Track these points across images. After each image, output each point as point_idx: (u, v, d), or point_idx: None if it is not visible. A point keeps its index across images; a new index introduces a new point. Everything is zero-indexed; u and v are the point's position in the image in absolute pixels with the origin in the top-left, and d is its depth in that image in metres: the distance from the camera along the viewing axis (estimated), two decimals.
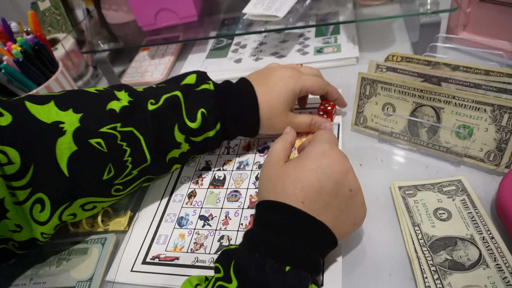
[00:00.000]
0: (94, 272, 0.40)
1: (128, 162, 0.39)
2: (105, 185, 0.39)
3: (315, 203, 0.31)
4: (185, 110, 0.41)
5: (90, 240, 0.43)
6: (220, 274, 0.29)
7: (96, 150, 0.37)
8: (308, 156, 0.33)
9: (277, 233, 0.30)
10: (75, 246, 0.43)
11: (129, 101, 0.39)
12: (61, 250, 0.43)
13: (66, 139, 0.35)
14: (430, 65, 0.45)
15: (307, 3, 0.71)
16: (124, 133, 0.38)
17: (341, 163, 0.32)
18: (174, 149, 0.42)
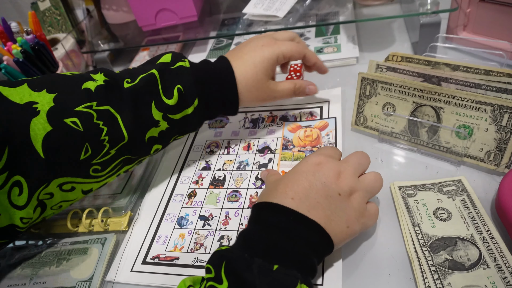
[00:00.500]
0: (94, 272, 0.40)
1: (105, 141, 0.38)
2: (82, 165, 0.38)
3: (305, 200, 0.32)
4: (162, 87, 0.41)
5: (90, 240, 0.43)
6: (211, 274, 0.29)
7: (71, 130, 0.36)
8: (301, 164, 0.36)
9: (267, 231, 0.31)
10: (75, 246, 0.43)
11: (104, 81, 0.39)
12: (61, 250, 0.43)
13: (40, 119, 0.34)
14: (430, 65, 0.45)
15: (307, 3, 0.71)
16: (100, 111, 0.37)
17: (331, 170, 0.34)
18: (152, 127, 0.41)
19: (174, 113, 0.41)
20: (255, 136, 0.52)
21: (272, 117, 0.55)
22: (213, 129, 0.56)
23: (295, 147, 0.48)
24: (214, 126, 0.56)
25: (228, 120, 0.57)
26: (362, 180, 0.35)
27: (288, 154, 0.48)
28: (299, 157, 0.47)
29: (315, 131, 0.50)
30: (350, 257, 0.36)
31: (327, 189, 0.33)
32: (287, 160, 0.47)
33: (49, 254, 0.43)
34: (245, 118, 0.56)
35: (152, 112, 0.40)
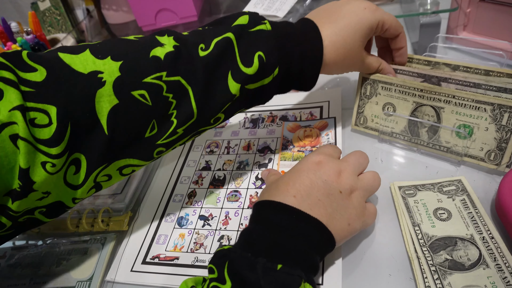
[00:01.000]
0: (94, 272, 0.40)
1: (173, 116, 0.34)
2: (147, 145, 0.34)
3: (307, 198, 0.32)
4: (239, 54, 0.35)
5: (90, 240, 0.43)
6: (214, 275, 0.28)
7: (139, 104, 0.32)
8: (301, 163, 0.35)
9: (269, 230, 0.31)
10: (75, 246, 0.43)
11: (174, 46, 0.34)
12: (61, 250, 0.43)
13: (106, 90, 0.30)
14: (430, 65, 0.45)
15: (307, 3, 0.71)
16: (171, 83, 0.33)
17: (332, 168, 0.34)
18: (229, 103, 0.36)
19: (252, 83, 0.36)
20: (255, 136, 0.52)
21: (272, 117, 0.55)
22: (213, 129, 0.56)
23: (295, 147, 0.48)
24: None
25: (228, 120, 0.57)
26: (361, 179, 0.35)
27: (287, 154, 0.48)
28: (298, 157, 0.47)
29: (314, 131, 0.50)
30: (350, 256, 0.36)
31: (328, 187, 0.33)
32: (287, 160, 0.47)
33: (49, 254, 0.43)
34: (245, 118, 0.56)
35: (229, 84, 0.35)
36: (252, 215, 0.34)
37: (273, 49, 0.36)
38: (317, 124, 0.51)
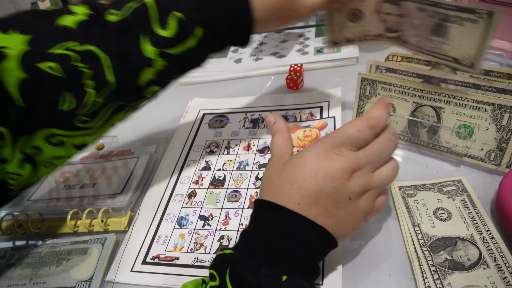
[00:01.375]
0: (94, 272, 0.40)
1: (89, 86, 0.33)
2: (65, 116, 0.33)
3: (312, 207, 0.29)
4: (155, 16, 0.34)
5: (90, 240, 0.43)
6: (216, 282, 0.27)
7: (49, 76, 0.31)
8: (310, 154, 0.31)
9: (273, 236, 0.29)
10: (75, 246, 0.43)
11: (88, 14, 0.33)
12: (61, 250, 0.43)
13: (9, 64, 0.30)
14: (430, 65, 0.45)
15: None
16: (83, 53, 0.32)
17: (343, 169, 0.30)
18: (145, 68, 0.34)
19: (173, 47, 0.34)
20: (255, 136, 0.52)
21: None
22: (213, 129, 0.56)
23: (295, 147, 0.48)
24: (214, 126, 0.56)
25: (228, 120, 0.57)
26: (377, 176, 0.31)
27: None
28: None
29: (314, 131, 0.50)
30: (350, 256, 0.36)
31: (336, 195, 0.29)
32: None
33: (49, 254, 0.43)
34: (245, 118, 0.56)
35: (144, 48, 0.34)
36: (253, 214, 0.32)
37: (192, 5, 0.34)
38: (317, 124, 0.51)
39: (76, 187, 0.51)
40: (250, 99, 0.60)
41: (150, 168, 0.52)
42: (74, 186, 0.51)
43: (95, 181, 0.51)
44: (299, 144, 0.49)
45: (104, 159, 0.55)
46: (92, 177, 0.52)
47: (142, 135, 0.59)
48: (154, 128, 0.60)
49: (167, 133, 0.57)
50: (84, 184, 0.51)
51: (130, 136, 0.59)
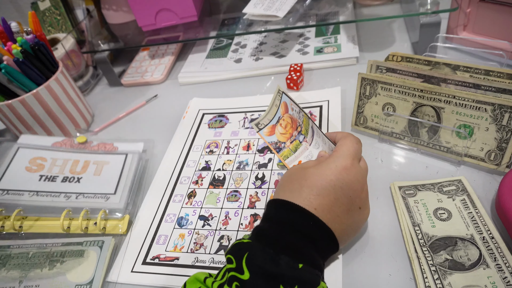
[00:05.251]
0: (94, 275, 0.39)
1: None
2: None
3: (327, 213, 0.32)
4: None
5: (86, 242, 0.42)
6: (233, 265, 0.29)
7: None
8: (329, 167, 0.33)
9: (289, 232, 0.31)
10: (68, 248, 0.41)
11: None
12: (52, 251, 0.41)
13: None
14: (430, 65, 0.45)
15: (307, 3, 0.71)
16: None
17: (359, 181, 0.33)
18: None
19: None
20: (254, 136, 0.52)
21: None
22: (213, 129, 0.56)
23: (286, 143, 0.46)
24: (214, 126, 0.56)
25: (227, 120, 0.57)
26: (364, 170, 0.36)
27: (286, 152, 0.46)
28: (296, 146, 0.44)
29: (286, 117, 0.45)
30: (350, 256, 0.36)
31: (350, 204, 0.33)
32: (290, 156, 0.45)
33: (38, 255, 0.40)
34: (245, 118, 0.56)
35: None
36: (269, 212, 0.34)
37: None
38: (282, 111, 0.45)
39: (57, 179, 0.47)
40: (250, 99, 0.60)
41: (141, 168, 0.51)
42: (54, 178, 0.47)
43: (79, 175, 0.48)
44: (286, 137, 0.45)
45: (83, 150, 0.51)
46: (74, 171, 0.48)
47: (142, 135, 0.59)
48: (154, 128, 0.60)
49: (167, 133, 0.57)
50: (67, 178, 0.47)
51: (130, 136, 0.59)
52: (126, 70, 0.76)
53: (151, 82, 0.71)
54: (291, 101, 0.44)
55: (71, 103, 0.59)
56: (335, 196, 0.32)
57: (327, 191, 0.32)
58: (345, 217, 0.33)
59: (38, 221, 0.45)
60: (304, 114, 0.43)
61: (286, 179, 0.36)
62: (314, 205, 0.32)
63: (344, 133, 0.38)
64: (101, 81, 0.77)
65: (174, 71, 0.74)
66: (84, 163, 0.50)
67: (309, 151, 0.43)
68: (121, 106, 0.67)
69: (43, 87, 0.54)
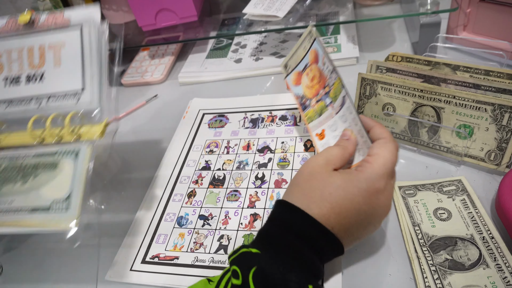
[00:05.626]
0: (71, 190, 0.33)
1: None
2: None
3: (344, 233, 0.30)
4: None
5: (59, 152, 0.36)
6: (238, 281, 0.27)
7: None
8: (360, 186, 0.30)
9: (303, 247, 0.29)
10: (40, 160, 0.36)
11: None
12: (24, 164, 0.36)
13: None
14: (430, 65, 0.45)
15: (307, 3, 0.71)
16: None
17: (387, 206, 0.31)
18: None
19: None
20: (254, 136, 0.52)
21: (271, 117, 0.55)
22: (213, 129, 0.56)
23: (311, 100, 0.43)
24: (214, 126, 0.56)
25: (227, 120, 0.57)
26: None
27: (311, 113, 0.42)
28: (321, 109, 0.41)
29: (314, 68, 0.43)
30: (350, 257, 0.36)
31: (370, 225, 0.31)
32: (314, 119, 0.42)
33: (10, 169, 0.36)
34: (245, 118, 0.56)
35: None
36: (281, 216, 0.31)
37: None
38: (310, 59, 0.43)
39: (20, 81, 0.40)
40: (250, 99, 0.60)
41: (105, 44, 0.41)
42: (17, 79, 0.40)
43: (40, 69, 0.39)
44: (312, 93, 0.43)
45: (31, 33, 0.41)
46: (33, 63, 0.40)
47: (143, 135, 0.59)
48: (154, 127, 0.60)
49: (167, 133, 0.57)
50: (30, 77, 0.40)
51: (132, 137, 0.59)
52: (126, 70, 0.76)
53: (151, 82, 0.71)
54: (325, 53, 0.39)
55: None
56: (356, 219, 0.30)
57: (350, 214, 0.29)
58: (360, 234, 0.32)
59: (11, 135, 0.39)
60: (338, 78, 0.38)
61: (307, 178, 0.32)
62: (332, 224, 0.29)
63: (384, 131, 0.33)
64: None
65: (174, 71, 0.74)
66: (39, 51, 0.40)
67: (334, 120, 0.40)
68: (121, 106, 0.67)
69: None
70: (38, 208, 0.33)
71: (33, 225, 0.33)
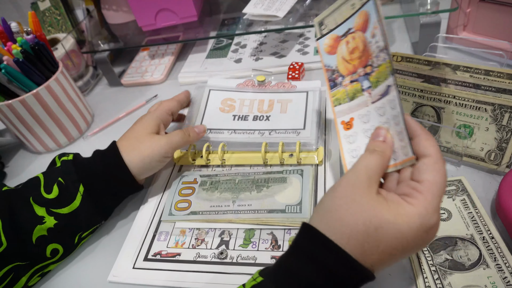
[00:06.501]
0: (301, 197, 0.41)
1: None
2: None
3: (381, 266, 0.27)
4: (44, 185, 0.40)
5: (285, 171, 0.45)
6: None
7: None
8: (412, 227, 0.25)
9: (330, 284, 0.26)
10: (270, 176, 0.44)
11: None
12: (256, 178, 0.45)
13: None
14: (430, 65, 0.45)
15: (307, 3, 0.71)
16: None
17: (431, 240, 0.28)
18: (38, 225, 0.38)
19: (59, 207, 0.39)
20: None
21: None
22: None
23: (345, 78, 0.36)
24: None
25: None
26: None
27: (340, 93, 0.36)
28: (355, 93, 0.35)
29: (358, 37, 0.35)
30: None
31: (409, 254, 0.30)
32: (343, 103, 0.36)
33: (245, 181, 0.45)
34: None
35: (33, 207, 0.39)
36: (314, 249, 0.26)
37: (72, 171, 0.41)
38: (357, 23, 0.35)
39: (248, 118, 0.52)
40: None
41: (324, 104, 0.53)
42: (245, 117, 0.52)
43: (267, 113, 0.52)
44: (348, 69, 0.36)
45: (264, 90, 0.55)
46: (262, 109, 0.53)
47: None
48: None
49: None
50: (257, 116, 0.52)
51: None
52: (126, 70, 0.76)
53: (151, 82, 0.71)
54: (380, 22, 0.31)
55: (71, 103, 0.59)
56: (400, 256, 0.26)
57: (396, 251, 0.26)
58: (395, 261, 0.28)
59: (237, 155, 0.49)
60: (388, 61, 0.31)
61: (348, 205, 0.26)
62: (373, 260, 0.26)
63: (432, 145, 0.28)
64: (101, 81, 0.77)
65: (174, 71, 0.74)
66: (269, 102, 0.54)
67: (368, 110, 0.33)
68: (121, 106, 0.67)
69: (43, 87, 0.54)
70: (275, 210, 0.40)
71: (272, 222, 0.40)
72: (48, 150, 0.61)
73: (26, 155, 0.62)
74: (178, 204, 0.44)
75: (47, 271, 0.42)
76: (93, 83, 0.76)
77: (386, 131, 0.31)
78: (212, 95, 0.56)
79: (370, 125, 0.33)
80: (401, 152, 0.30)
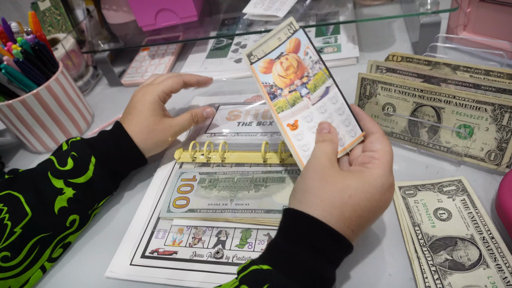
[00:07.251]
0: None
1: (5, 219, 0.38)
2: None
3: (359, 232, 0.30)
4: (57, 161, 0.42)
5: (283, 171, 0.45)
6: None
7: None
8: (377, 186, 0.30)
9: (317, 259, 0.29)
10: (269, 175, 0.45)
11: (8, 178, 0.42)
12: (255, 177, 0.45)
13: None
14: (430, 65, 0.45)
15: (307, 3, 0.71)
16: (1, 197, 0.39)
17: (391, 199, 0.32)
18: (58, 196, 0.41)
19: (75, 177, 0.42)
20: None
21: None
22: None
23: (283, 90, 0.41)
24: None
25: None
26: None
27: (281, 102, 0.40)
28: (295, 100, 0.40)
29: (291, 57, 0.41)
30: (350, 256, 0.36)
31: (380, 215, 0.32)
32: (285, 110, 0.40)
33: (243, 180, 0.45)
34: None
35: (52, 181, 0.41)
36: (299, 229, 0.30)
37: (83, 145, 0.44)
38: (288, 48, 0.41)
39: (252, 124, 0.53)
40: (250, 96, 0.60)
41: None
42: (250, 123, 0.54)
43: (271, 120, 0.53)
44: (285, 82, 0.41)
45: None
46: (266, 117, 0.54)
47: None
48: None
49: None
50: (261, 122, 0.54)
51: None
52: (126, 70, 0.76)
53: None
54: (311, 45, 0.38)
55: (71, 103, 0.59)
56: (373, 216, 0.31)
57: (369, 213, 0.30)
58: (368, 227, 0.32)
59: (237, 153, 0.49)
60: (324, 69, 0.38)
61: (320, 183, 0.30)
62: (353, 226, 0.29)
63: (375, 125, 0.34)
64: (101, 81, 0.77)
65: (174, 71, 0.74)
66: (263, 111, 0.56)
67: (310, 111, 0.39)
68: (121, 106, 0.67)
69: (43, 87, 0.54)
70: (272, 210, 0.40)
71: (269, 222, 0.40)
72: (48, 150, 0.61)
73: (26, 155, 0.62)
74: (177, 201, 0.44)
75: (67, 242, 0.43)
76: (93, 83, 0.76)
77: (328, 124, 0.36)
78: (220, 109, 0.58)
79: (314, 122, 0.38)
80: (348, 136, 0.36)
